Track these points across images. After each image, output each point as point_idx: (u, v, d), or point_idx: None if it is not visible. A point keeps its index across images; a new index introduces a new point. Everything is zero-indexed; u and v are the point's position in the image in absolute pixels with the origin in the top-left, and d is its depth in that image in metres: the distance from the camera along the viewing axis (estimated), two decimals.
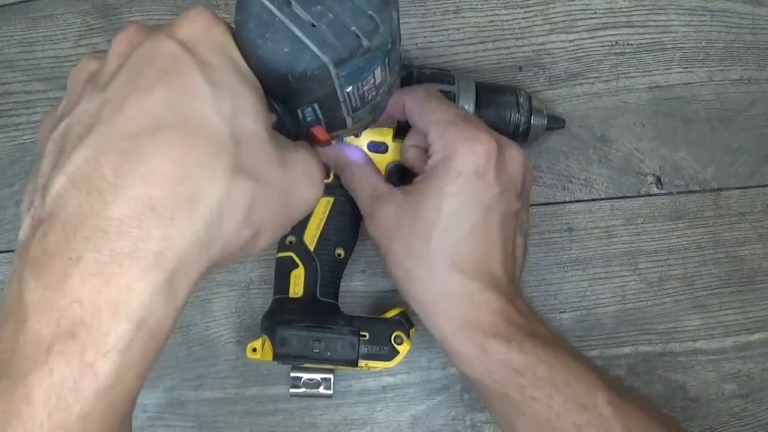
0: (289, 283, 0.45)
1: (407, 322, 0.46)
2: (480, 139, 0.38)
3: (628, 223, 0.53)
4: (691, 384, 0.52)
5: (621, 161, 0.54)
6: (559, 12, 0.55)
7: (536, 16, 0.55)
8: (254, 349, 0.44)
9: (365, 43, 0.28)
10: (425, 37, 0.54)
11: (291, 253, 0.46)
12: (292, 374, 0.46)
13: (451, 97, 0.47)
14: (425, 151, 0.41)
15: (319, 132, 0.32)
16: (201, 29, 0.27)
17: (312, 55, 0.27)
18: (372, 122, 0.36)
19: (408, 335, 0.45)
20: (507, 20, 0.54)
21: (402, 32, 0.54)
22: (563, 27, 0.55)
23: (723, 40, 0.55)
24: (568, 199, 0.53)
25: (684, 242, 0.53)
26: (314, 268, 0.45)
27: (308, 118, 0.31)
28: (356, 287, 0.52)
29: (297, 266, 0.45)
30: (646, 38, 0.55)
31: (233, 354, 0.51)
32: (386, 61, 0.30)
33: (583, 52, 0.55)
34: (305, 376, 0.46)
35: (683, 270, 0.53)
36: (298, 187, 0.29)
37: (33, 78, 0.53)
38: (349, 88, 0.30)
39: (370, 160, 0.44)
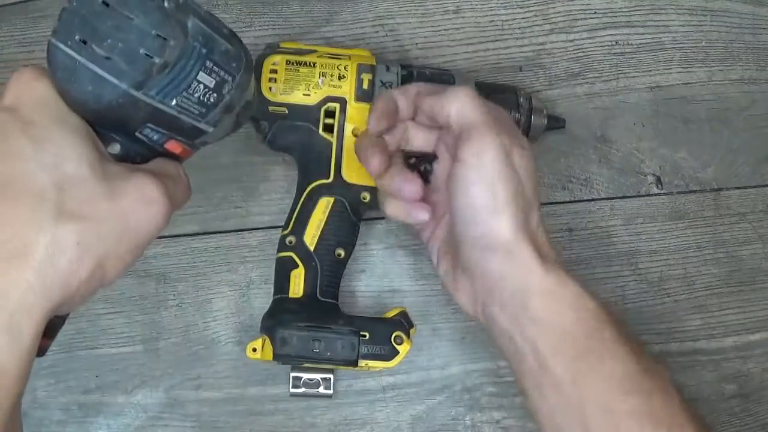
0: (289, 283, 0.45)
1: (407, 322, 0.46)
2: (501, 118, 0.40)
3: (628, 223, 0.53)
4: (691, 384, 0.52)
5: (621, 161, 0.54)
6: (559, 12, 0.55)
7: (536, 16, 0.55)
8: (254, 349, 0.44)
9: (158, 60, 0.30)
10: (425, 37, 0.54)
11: (291, 253, 0.46)
12: (292, 374, 0.46)
13: None
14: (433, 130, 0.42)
15: (172, 146, 0.34)
16: (24, 89, 0.30)
17: (112, 86, 0.30)
18: (242, 119, 0.37)
19: (408, 335, 0.45)
20: (507, 20, 0.54)
21: (402, 32, 0.54)
22: (563, 27, 0.55)
23: (723, 40, 0.55)
24: (568, 199, 0.53)
25: (684, 242, 0.53)
26: (314, 268, 0.45)
27: (154, 137, 0.33)
28: (356, 287, 0.52)
29: (297, 266, 0.45)
30: (646, 38, 0.55)
31: (233, 354, 0.51)
32: (207, 63, 0.32)
33: (583, 52, 0.55)
34: (305, 376, 0.46)
35: (683, 270, 0.53)
36: (135, 212, 0.31)
37: None
38: (174, 102, 0.32)
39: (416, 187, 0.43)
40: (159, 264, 0.52)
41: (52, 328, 0.33)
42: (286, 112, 0.47)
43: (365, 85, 0.46)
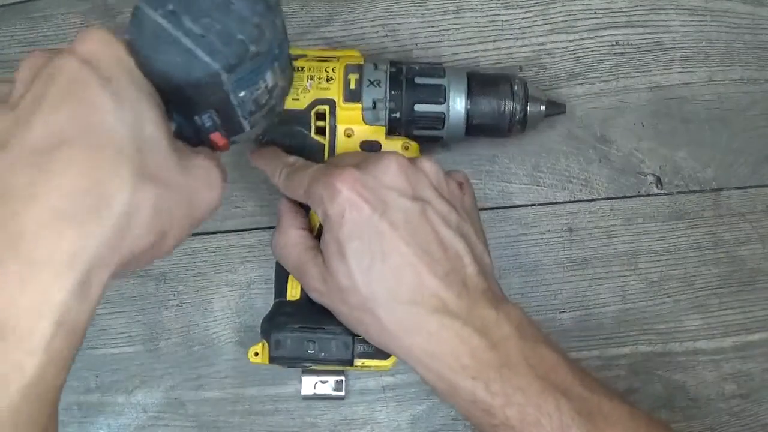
0: (286, 286, 0.45)
1: None
2: (334, 181, 0.37)
3: (628, 223, 0.53)
4: (691, 384, 0.52)
5: (621, 161, 0.54)
6: (559, 12, 0.55)
7: (536, 16, 0.55)
8: (256, 353, 0.44)
9: (252, 48, 0.30)
10: (425, 37, 0.54)
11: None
12: (303, 377, 0.46)
13: (442, 91, 0.47)
14: None
15: (217, 138, 0.34)
16: (99, 47, 0.29)
17: (203, 63, 0.30)
18: (268, 126, 0.38)
19: None
20: (507, 20, 0.54)
21: (402, 32, 0.54)
22: (563, 27, 0.55)
23: (723, 40, 0.55)
24: (568, 199, 0.53)
25: (684, 242, 0.53)
26: None
27: (207, 125, 0.33)
28: None
29: None
30: (646, 38, 0.55)
31: (233, 354, 0.51)
32: (275, 65, 0.33)
33: (583, 52, 0.55)
34: (317, 378, 0.46)
35: (683, 270, 0.53)
36: (199, 192, 0.31)
37: None
38: (242, 93, 0.32)
39: (299, 217, 0.44)
40: (159, 264, 0.52)
41: None
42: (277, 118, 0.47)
43: (352, 85, 0.46)
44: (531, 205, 0.53)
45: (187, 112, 0.32)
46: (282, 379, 0.51)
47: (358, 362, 0.44)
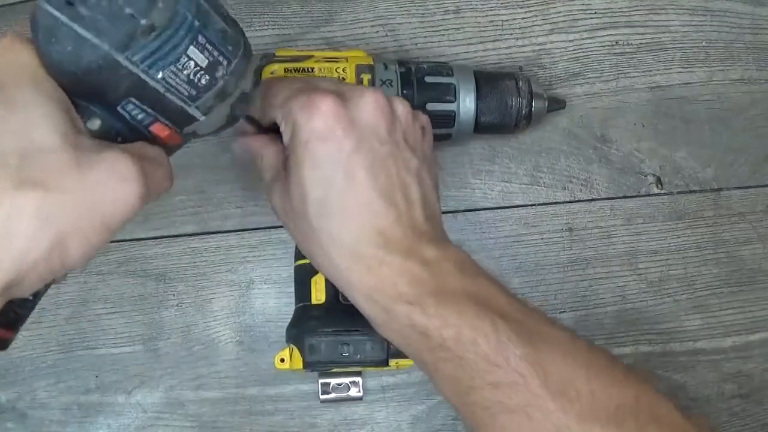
0: (310, 289, 0.45)
1: None
2: (315, 102, 0.36)
3: (628, 223, 0.53)
4: (691, 384, 0.52)
5: (621, 161, 0.54)
6: (559, 12, 0.55)
7: (536, 16, 0.55)
8: (282, 360, 0.44)
9: (143, 21, 0.28)
10: (425, 37, 0.54)
11: (308, 260, 0.46)
12: (321, 380, 0.46)
13: (452, 90, 0.47)
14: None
15: (158, 129, 0.32)
16: (1, 53, 0.29)
17: (92, 46, 0.28)
18: (238, 111, 0.35)
19: None
20: (507, 20, 0.54)
21: (402, 32, 0.54)
22: (563, 27, 0.55)
23: (723, 40, 0.55)
24: (568, 199, 0.53)
25: (684, 242, 0.53)
26: None
27: (138, 117, 0.31)
28: None
29: (316, 272, 0.45)
30: (646, 38, 0.55)
31: (233, 354, 0.51)
32: (199, 38, 0.30)
33: (583, 52, 0.55)
34: (334, 381, 0.46)
35: (683, 270, 0.53)
36: (104, 188, 0.29)
37: None
38: (160, 74, 0.30)
39: (270, 144, 0.42)
40: (159, 264, 0.52)
41: (14, 319, 0.31)
42: None
43: (365, 85, 0.46)
44: (531, 205, 0.53)
45: (107, 105, 0.31)
46: (282, 379, 0.51)
47: (392, 362, 0.44)
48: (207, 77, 0.31)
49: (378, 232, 0.36)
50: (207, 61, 0.31)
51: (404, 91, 0.47)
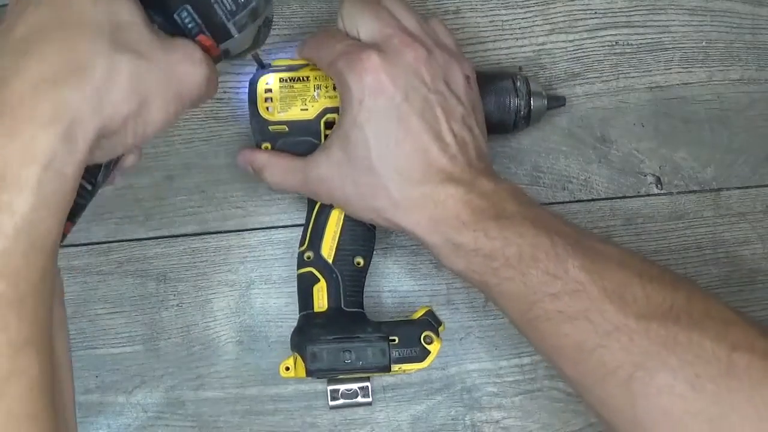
0: (312, 298, 0.45)
1: (435, 320, 0.46)
2: (361, 60, 0.40)
3: (628, 223, 0.53)
4: None
5: (621, 161, 0.54)
6: (559, 12, 0.55)
7: (536, 16, 0.55)
8: (287, 368, 0.44)
9: None
10: None
11: (311, 268, 0.46)
12: (329, 387, 0.46)
13: None
14: None
15: (203, 40, 0.35)
16: None
17: None
18: (261, 36, 0.39)
19: (437, 333, 0.45)
20: (507, 20, 0.54)
21: None
22: (563, 27, 0.55)
23: (723, 40, 0.55)
24: (568, 199, 0.53)
25: (684, 242, 0.53)
26: (335, 279, 0.45)
27: (189, 25, 0.34)
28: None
29: (318, 280, 0.45)
30: (646, 38, 0.55)
31: (233, 354, 0.51)
32: None
33: (583, 52, 0.55)
34: (342, 387, 0.46)
35: (683, 270, 0.53)
36: (181, 66, 0.33)
37: None
38: None
39: (275, 155, 0.47)
40: (159, 264, 0.52)
41: (73, 209, 0.33)
42: (287, 129, 0.47)
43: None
44: None
45: (165, 11, 0.34)
46: (282, 379, 0.51)
47: (395, 367, 0.44)
48: None
49: (439, 170, 0.40)
50: None
51: None
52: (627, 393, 0.34)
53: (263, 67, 0.46)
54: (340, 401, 0.46)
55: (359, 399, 0.46)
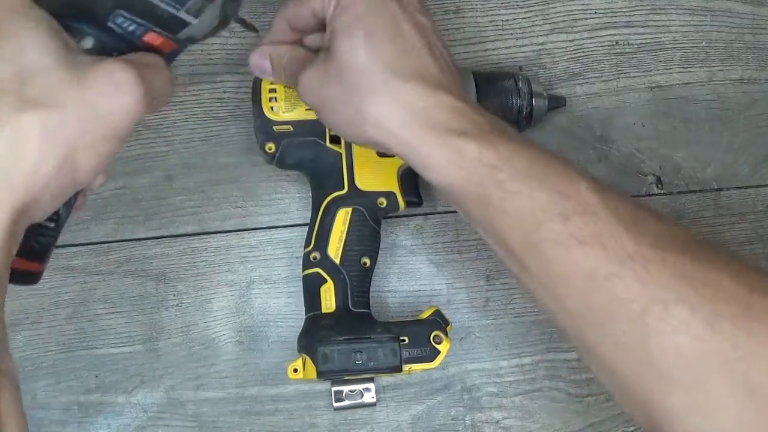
0: (320, 298, 0.45)
1: (443, 320, 0.46)
2: None
3: None
4: None
5: (621, 161, 0.54)
6: (559, 12, 0.55)
7: (536, 16, 0.55)
8: (295, 370, 0.44)
9: None
10: None
11: (317, 269, 0.46)
12: (333, 389, 0.46)
13: None
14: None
15: (151, 38, 0.32)
16: None
17: None
18: (230, 9, 0.35)
19: (446, 333, 0.45)
20: (507, 20, 0.54)
21: None
22: (563, 27, 0.55)
23: (723, 40, 0.55)
24: None
25: None
26: (343, 280, 0.45)
27: (130, 28, 0.31)
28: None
29: (325, 281, 0.45)
30: (646, 38, 0.55)
31: (233, 354, 0.51)
32: None
33: (583, 52, 0.55)
34: (346, 388, 0.46)
35: None
36: (102, 99, 0.29)
37: None
38: None
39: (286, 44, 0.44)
40: (159, 264, 0.52)
41: (38, 249, 0.31)
42: (291, 129, 0.47)
43: None
44: None
45: (97, 22, 0.30)
46: (282, 379, 0.51)
47: (405, 368, 0.44)
48: None
49: (434, 77, 0.37)
50: None
51: None
52: (640, 328, 0.31)
53: (254, 31, 0.43)
54: (345, 402, 0.46)
55: (364, 400, 0.46)
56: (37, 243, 0.31)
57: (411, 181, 0.48)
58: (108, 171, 0.35)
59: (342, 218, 0.46)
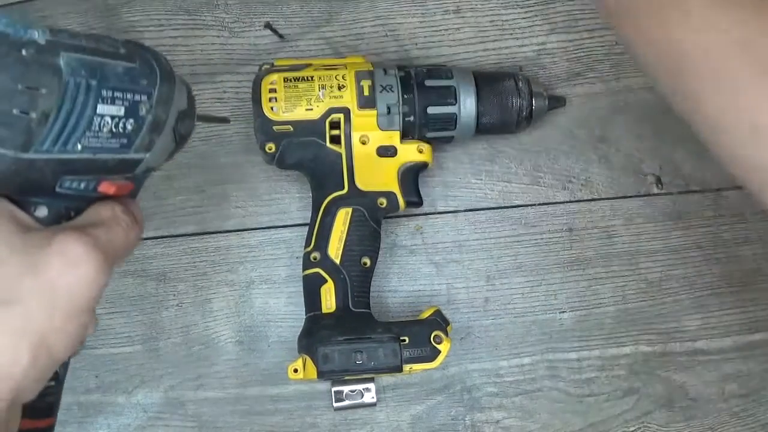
0: (320, 299, 0.45)
1: (443, 320, 0.46)
2: None
3: (628, 223, 0.53)
4: (691, 384, 0.52)
5: (621, 161, 0.54)
6: (559, 12, 0.55)
7: (536, 16, 0.55)
8: (295, 370, 0.44)
9: (34, 114, 0.26)
10: (425, 37, 0.54)
11: (318, 269, 0.46)
12: (333, 389, 0.46)
13: (452, 92, 0.47)
14: None
15: (105, 188, 0.31)
16: None
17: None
18: (185, 131, 0.34)
19: (446, 333, 0.45)
20: (507, 20, 0.54)
21: (402, 32, 0.54)
22: (563, 27, 0.55)
23: None
24: (568, 199, 0.53)
25: (684, 242, 0.53)
26: (343, 280, 0.45)
27: (80, 187, 0.30)
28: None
29: (325, 281, 0.45)
30: None
31: (233, 354, 0.51)
32: (103, 94, 0.29)
33: (583, 52, 0.55)
34: (347, 388, 0.46)
35: (683, 270, 0.53)
36: (62, 279, 0.29)
37: None
38: (79, 146, 0.28)
39: None
40: (159, 264, 0.52)
41: (46, 407, 0.31)
42: (291, 129, 0.47)
43: (366, 92, 0.46)
44: (531, 205, 0.53)
45: (45, 192, 0.29)
46: (282, 379, 0.51)
47: (405, 368, 0.44)
48: (131, 121, 0.30)
49: None
50: (123, 107, 0.29)
51: (405, 96, 0.47)
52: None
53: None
54: (345, 402, 0.46)
55: (364, 400, 0.46)
56: (42, 403, 0.30)
57: (411, 181, 0.48)
58: (98, 319, 0.33)
59: (342, 218, 0.46)
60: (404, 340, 0.44)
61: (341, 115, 0.46)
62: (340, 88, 0.46)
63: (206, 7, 0.54)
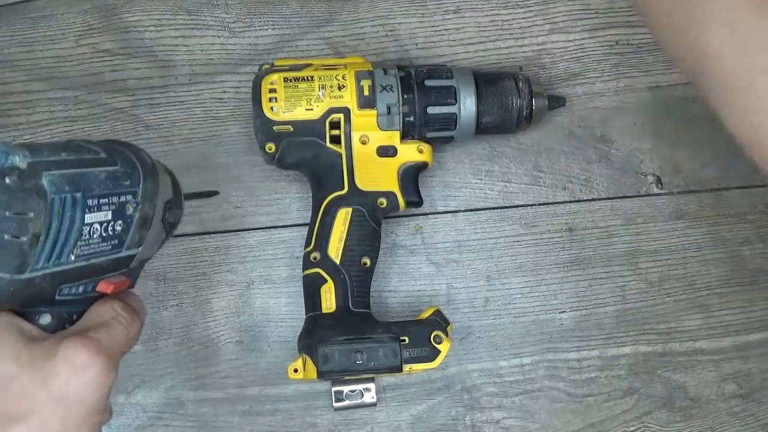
0: (320, 299, 0.45)
1: (443, 320, 0.46)
2: None
3: (628, 223, 0.53)
4: (691, 384, 0.52)
5: (621, 161, 0.54)
6: (559, 12, 0.55)
7: (536, 16, 0.55)
8: (295, 370, 0.44)
9: (25, 238, 0.27)
10: (425, 37, 0.54)
11: (318, 269, 0.46)
12: (333, 389, 0.46)
13: (452, 92, 0.47)
14: None
15: (103, 288, 0.32)
16: None
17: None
18: (174, 218, 0.35)
19: (446, 333, 0.45)
20: (507, 20, 0.54)
21: (402, 32, 0.54)
22: (563, 27, 0.55)
23: None
24: (568, 199, 0.53)
25: (684, 242, 0.53)
26: (343, 280, 0.45)
27: (79, 291, 0.31)
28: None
29: (326, 281, 0.45)
30: (646, 38, 0.55)
31: (233, 354, 0.51)
32: (89, 203, 0.29)
33: (583, 52, 0.55)
34: (347, 388, 0.46)
35: (683, 270, 0.53)
36: (70, 386, 0.30)
37: (33, 78, 0.53)
38: (73, 257, 0.29)
39: None
40: (159, 264, 0.52)
41: None
42: (291, 129, 0.47)
43: (366, 92, 0.46)
44: (531, 205, 0.53)
45: (47, 300, 0.30)
46: (282, 379, 0.51)
47: (405, 368, 0.44)
48: (120, 222, 0.31)
49: None
50: (110, 211, 0.30)
51: (405, 96, 0.47)
52: None
53: (215, 194, 0.44)
54: (345, 402, 0.46)
55: (364, 400, 0.46)
56: None
57: (411, 181, 0.48)
58: (112, 407, 0.34)
59: (342, 219, 0.46)
60: (404, 340, 0.44)
61: (341, 115, 0.46)
62: (340, 88, 0.46)
63: (206, 7, 0.54)
